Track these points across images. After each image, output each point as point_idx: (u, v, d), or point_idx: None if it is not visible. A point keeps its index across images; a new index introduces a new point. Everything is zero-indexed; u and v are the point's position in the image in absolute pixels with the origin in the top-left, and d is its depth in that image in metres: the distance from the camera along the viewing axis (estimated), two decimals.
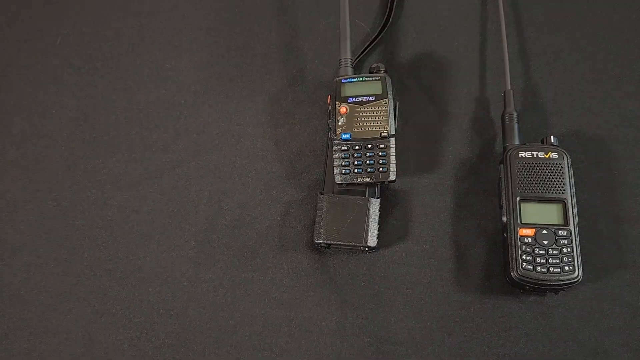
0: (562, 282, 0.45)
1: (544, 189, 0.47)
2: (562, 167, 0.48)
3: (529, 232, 0.46)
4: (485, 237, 0.51)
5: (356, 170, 0.49)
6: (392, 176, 0.48)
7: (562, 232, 0.46)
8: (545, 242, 0.46)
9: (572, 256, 0.45)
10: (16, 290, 0.50)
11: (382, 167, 0.48)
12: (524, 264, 0.45)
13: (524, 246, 0.46)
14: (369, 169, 0.48)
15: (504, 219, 0.48)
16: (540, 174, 0.48)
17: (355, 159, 0.49)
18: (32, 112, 0.57)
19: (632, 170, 0.53)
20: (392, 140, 0.49)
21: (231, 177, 0.54)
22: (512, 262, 0.46)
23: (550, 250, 0.45)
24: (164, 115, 0.56)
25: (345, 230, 0.48)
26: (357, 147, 0.49)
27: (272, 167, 0.54)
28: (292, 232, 0.52)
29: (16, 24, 0.60)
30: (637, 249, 0.50)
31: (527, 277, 0.45)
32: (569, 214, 0.46)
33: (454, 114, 0.56)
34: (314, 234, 0.49)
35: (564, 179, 0.48)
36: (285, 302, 0.49)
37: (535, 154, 0.49)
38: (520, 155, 0.49)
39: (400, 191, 0.53)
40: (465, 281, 0.50)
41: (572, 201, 0.47)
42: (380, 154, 0.48)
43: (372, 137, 0.49)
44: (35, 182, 0.54)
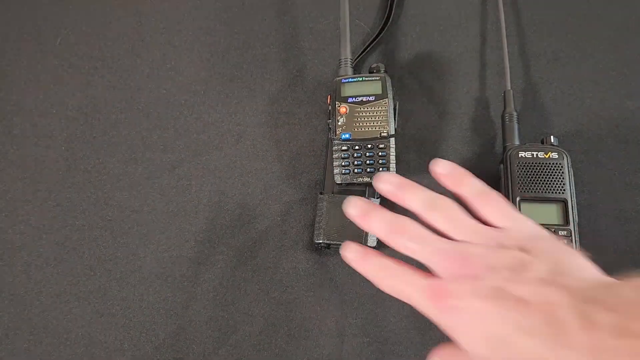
0: None
1: (544, 189, 0.47)
2: (562, 167, 0.48)
3: None
4: None
5: (356, 170, 0.49)
6: None
7: (562, 232, 0.46)
8: None
9: None
10: (16, 290, 0.50)
11: (382, 167, 0.48)
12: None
13: None
14: (368, 169, 0.48)
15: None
16: (540, 174, 0.48)
17: (355, 159, 0.49)
18: (32, 112, 0.57)
19: (632, 170, 0.53)
20: (392, 140, 0.49)
21: (231, 177, 0.54)
22: None
23: None
24: (164, 115, 0.56)
25: (345, 230, 0.48)
26: (357, 147, 0.49)
27: (272, 167, 0.54)
28: (292, 232, 0.52)
29: (16, 24, 0.60)
30: (637, 249, 0.49)
31: None
32: (569, 214, 0.46)
33: (454, 114, 0.56)
34: (314, 234, 0.49)
35: (563, 179, 0.48)
36: (285, 302, 0.49)
37: (535, 154, 0.49)
38: (520, 155, 0.49)
39: None
40: None
41: (572, 201, 0.47)
42: (380, 154, 0.48)
43: (372, 137, 0.49)
44: (35, 182, 0.54)
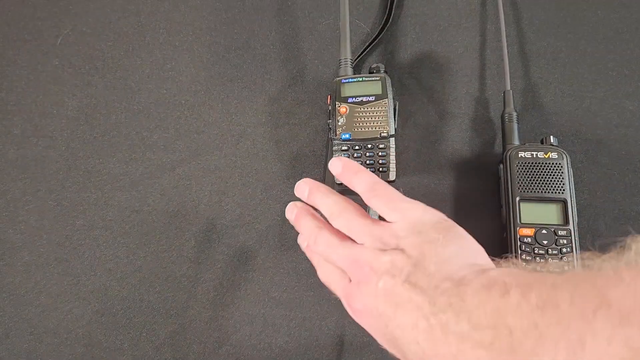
0: None
1: (543, 189, 0.47)
2: (561, 167, 0.48)
3: (529, 231, 0.46)
4: (485, 237, 0.51)
5: None
6: (392, 176, 0.48)
7: (561, 232, 0.46)
8: (544, 242, 0.46)
9: (572, 256, 0.45)
10: (16, 290, 0.50)
11: (382, 167, 0.48)
12: (524, 263, 0.45)
13: (523, 246, 0.46)
14: (369, 169, 0.48)
15: (504, 218, 0.48)
16: (539, 174, 0.48)
17: (355, 159, 0.49)
18: (32, 112, 0.57)
19: (632, 170, 0.53)
20: (392, 140, 0.49)
21: (231, 177, 0.54)
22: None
23: (549, 250, 0.45)
24: (164, 115, 0.56)
25: None
26: (357, 147, 0.49)
27: (272, 167, 0.54)
28: (292, 232, 0.52)
29: (16, 24, 0.60)
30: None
31: None
32: (568, 213, 0.46)
33: (454, 114, 0.56)
34: None
35: (563, 179, 0.48)
36: (285, 302, 0.49)
37: (534, 154, 0.49)
38: (520, 155, 0.49)
39: (400, 191, 0.53)
40: None
41: (571, 201, 0.47)
42: (380, 154, 0.48)
43: (372, 137, 0.49)
44: (35, 182, 0.54)
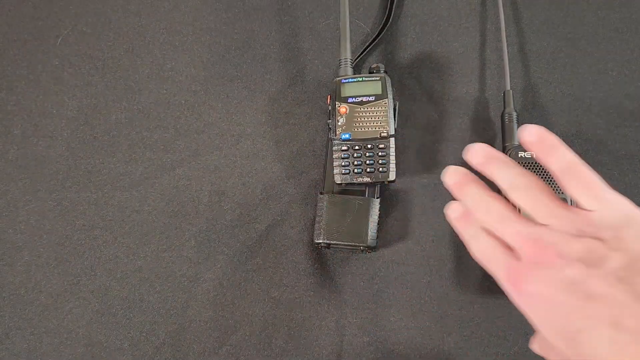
0: None
1: None
2: None
3: None
4: None
5: (356, 170, 0.49)
6: (392, 176, 0.48)
7: None
8: None
9: None
10: (16, 290, 0.50)
11: (381, 167, 0.48)
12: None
13: None
14: (368, 169, 0.48)
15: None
16: (539, 174, 0.48)
17: (355, 159, 0.49)
18: (32, 112, 0.57)
19: (632, 170, 0.53)
20: (392, 140, 0.49)
21: (231, 177, 0.54)
22: None
23: None
24: (164, 115, 0.56)
25: (345, 230, 0.48)
26: (357, 147, 0.49)
27: (272, 167, 0.54)
28: (292, 232, 0.52)
29: (16, 24, 0.60)
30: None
31: None
32: None
33: (454, 114, 0.56)
34: (314, 234, 0.49)
35: None
36: (285, 302, 0.49)
37: (534, 154, 0.49)
38: (520, 155, 0.49)
39: (400, 191, 0.53)
40: (464, 281, 0.50)
41: (571, 201, 0.47)
42: (380, 154, 0.48)
43: (372, 137, 0.49)
44: (35, 182, 0.54)
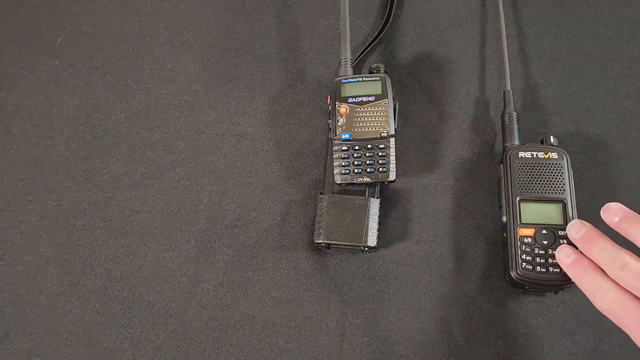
0: (561, 282, 0.45)
1: (543, 189, 0.47)
2: (561, 167, 0.48)
3: (529, 232, 0.46)
4: (485, 237, 0.51)
5: (356, 170, 0.49)
6: (392, 176, 0.48)
7: (561, 232, 0.45)
8: (544, 242, 0.46)
9: None
10: (16, 290, 0.50)
11: (382, 167, 0.48)
12: (524, 263, 0.45)
13: (523, 246, 0.46)
14: (368, 169, 0.48)
15: (504, 219, 0.48)
16: (539, 174, 0.48)
17: (355, 159, 0.49)
18: (32, 112, 0.57)
19: (632, 170, 0.53)
20: (392, 140, 0.49)
21: (231, 177, 0.54)
22: (511, 262, 0.46)
23: (549, 250, 0.45)
24: (164, 115, 0.56)
25: (345, 230, 0.48)
26: (357, 147, 0.49)
27: (272, 167, 0.54)
28: (292, 232, 0.52)
29: (16, 24, 0.60)
30: (637, 249, 0.49)
31: (527, 277, 0.45)
32: (568, 214, 0.46)
33: (454, 114, 0.56)
34: (314, 234, 0.49)
35: (563, 179, 0.48)
36: (285, 302, 0.49)
37: (534, 154, 0.49)
38: (520, 155, 0.49)
39: (400, 191, 0.53)
40: (465, 281, 0.50)
41: (571, 201, 0.47)
42: (380, 154, 0.48)
43: (372, 137, 0.49)
44: (35, 182, 0.54)
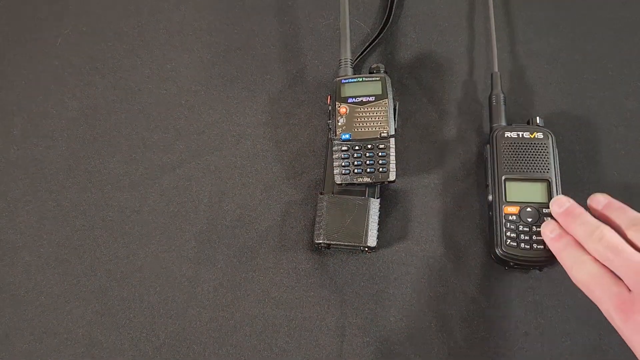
0: (545, 259, 0.45)
1: (528, 168, 0.48)
2: (546, 147, 0.49)
3: (514, 210, 0.47)
4: (484, 237, 0.51)
5: (356, 170, 0.49)
6: (392, 176, 0.48)
7: (546, 210, 0.46)
8: (529, 220, 0.46)
9: None
10: (16, 290, 0.50)
11: (382, 167, 0.48)
12: (508, 240, 0.46)
13: (508, 223, 0.47)
14: (368, 169, 0.48)
15: (490, 197, 0.49)
16: (525, 154, 0.49)
17: (355, 159, 0.49)
18: (32, 112, 0.57)
19: (632, 170, 0.53)
20: (392, 140, 0.49)
21: (231, 177, 0.54)
22: (496, 239, 0.47)
23: (534, 227, 0.46)
24: (164, 115, 0.56)
25: (345, 230, 0.48)
26: (357, 148, 0.49)
27: (272, 167, 0.54)
28: (292, 232, 0.52)
29: (16, 24, 0.60)
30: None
31: (511, 254, 0.46)
32: (552, 192, 0.47)
33: (454, 114, 0.56)
34: (314, 234, 0.49)
35: (548, 158, 0.48)
36: (285, 302, 0.49)
37: (520, 134, 0.50)
38: (506, 135, 0.50)
39: (400, 191, 0.53)
40: (464, 281, 0.50)
41: (556, 180, 0.48)
42: (380, 154, 0.48)
43: (372, 138, 0.49)
44: (35, 182, 0.54)
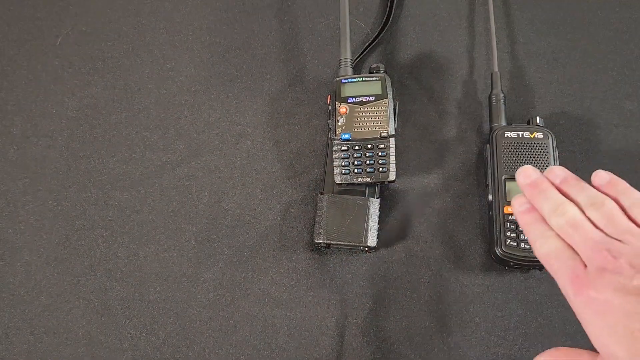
0: None
1: None
2: (546, 147, 0.49)
3: None
4: (484, 237, 0.51)
5: (356, 170, 0.49)
6: (392, 176, 0.48)
7: None
8: None
9: None
10: (16, 290, 0.50)
11: (381, 167, 0.48)
12: (508, 240, 0.46)
13: (508, 223, 0.47)
14: (368, 169, 0.48)
15: (490, 197, 0.49)
16: (525, 154, 0.49)
17: (355, 159, 0.49)
18: (32, 112, 0.57)
19: (632, 170, 0.53)
20: (392, 140, 0.49)
21: (231, 177, 0.54)
22: (496, 239, 0.47)
23: None
24: (164, 115, 0.56)
25: (345, 230, 0.48)
26: (357, 147, 0.49)
27: (272, 167, 0.54)
28: (292, 231, 0.52)
29: (16, 24, 0.60)
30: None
31: (511, 254, 0.46)
32: None
33: (454, 114, 0.56)
34: (314, 234, 0.49)
35: (548, 158, 0.49)
36: (285, 302, 0.49)
37: (520, 134, 0.50)
38: (506, 135, 0.50)
39: (400, 191, 0.53)
40: (464, 281, 0.50)
41: None
42: (380, 154, 0.48)
43: (372, 137, 0.49)
44: (35, 182, 0.54)
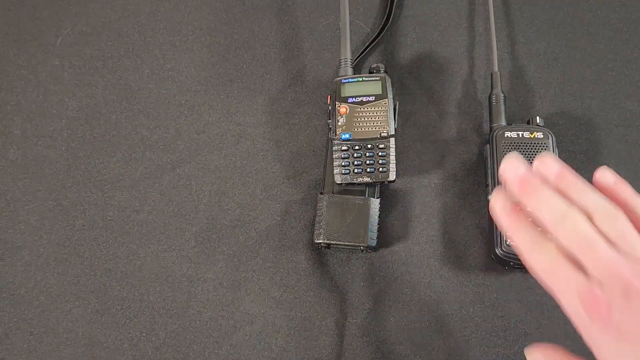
0: None
1: None
2: (547, 147, 0.49)
3: None
4: (484, 237, 0.51)
5: (356, 170, 0.49)
6: (392, 176, 0.48)
7: None
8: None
9: None
10: (16, 290, 0.50)
11: (381, 167, 0.48)
12: (509, 240, 0.46)
13: None
14: (368, 169, 0.48)
15: (490, 197, 0.48)
16: (525, 154, 0.49)
17: (355, 159, 0.49)
18: (32, 112, 0.57)
19: (632, 170, 0.53)
20: (392, 140, 0.49)
21: (231, 177, 0.54)
22: (497, 239, 0.47)
23: None
24: (164, 115, 0.56)
25: (345, 230, 0.48)
26: (357, 147, 0.49)
27: (272, 167, 0.54)
28: (292, 231, 0.52)
29: (16, 24, 0.60)
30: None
31: (511, 254, 0.46)
32: None
33: (454, 114, 0.56)
34: (314, 234, 0.49)
35: None
36: (285, 302, 0.49)
37: (520, 134, 0.50)
38: (506, 135, 0.50)
39: (400, 191, 0.53)
40: (464, 281, 0.50)
41: None
42: (380, 154, 0.48)
43: (372, 137, 0.49)
44: (35, 182, 0.54)
